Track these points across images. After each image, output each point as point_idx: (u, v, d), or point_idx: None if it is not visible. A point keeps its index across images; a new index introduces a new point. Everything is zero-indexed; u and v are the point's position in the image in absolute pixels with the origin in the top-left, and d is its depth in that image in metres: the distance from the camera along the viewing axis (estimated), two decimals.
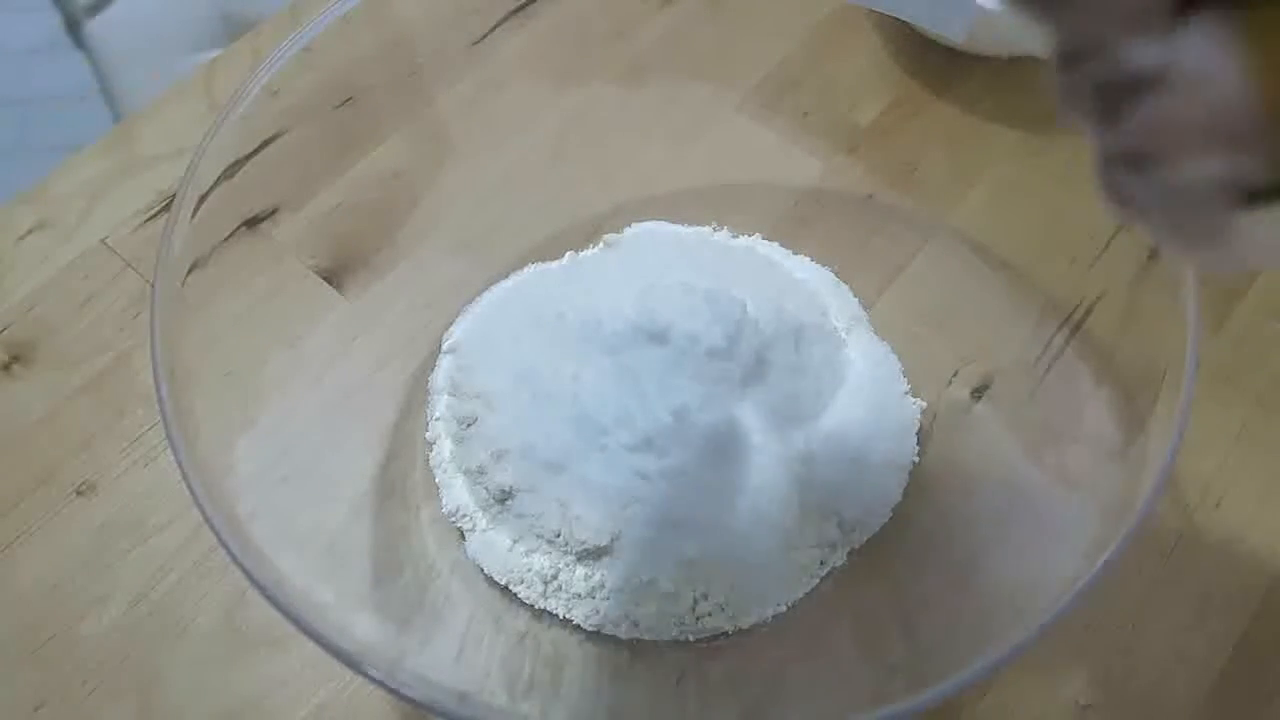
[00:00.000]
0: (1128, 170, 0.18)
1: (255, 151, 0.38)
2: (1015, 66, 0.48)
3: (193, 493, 0.30)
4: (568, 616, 0.38)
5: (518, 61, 0.48)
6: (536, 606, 0.39)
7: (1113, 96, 0.17)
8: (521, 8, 0.49)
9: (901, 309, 0.45)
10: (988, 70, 0.50)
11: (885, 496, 0.40)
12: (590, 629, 0.38)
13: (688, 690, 0.37)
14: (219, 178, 0.36)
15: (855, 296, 0.46)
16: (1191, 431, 0.30)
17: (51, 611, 0.40)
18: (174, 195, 0.34)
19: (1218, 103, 0.16)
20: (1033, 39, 0.19)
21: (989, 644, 0.30)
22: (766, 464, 0.39)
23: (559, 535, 0.38)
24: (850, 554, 0.40)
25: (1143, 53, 0.16)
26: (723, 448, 0.39)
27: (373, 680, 0.28)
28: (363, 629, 0.34)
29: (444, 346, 0.45)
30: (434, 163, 0.47)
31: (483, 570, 0.39)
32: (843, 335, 0.43)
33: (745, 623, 0.38)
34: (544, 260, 0.47)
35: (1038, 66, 0.20)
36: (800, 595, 0.39)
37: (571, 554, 0.38)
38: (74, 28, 0.84)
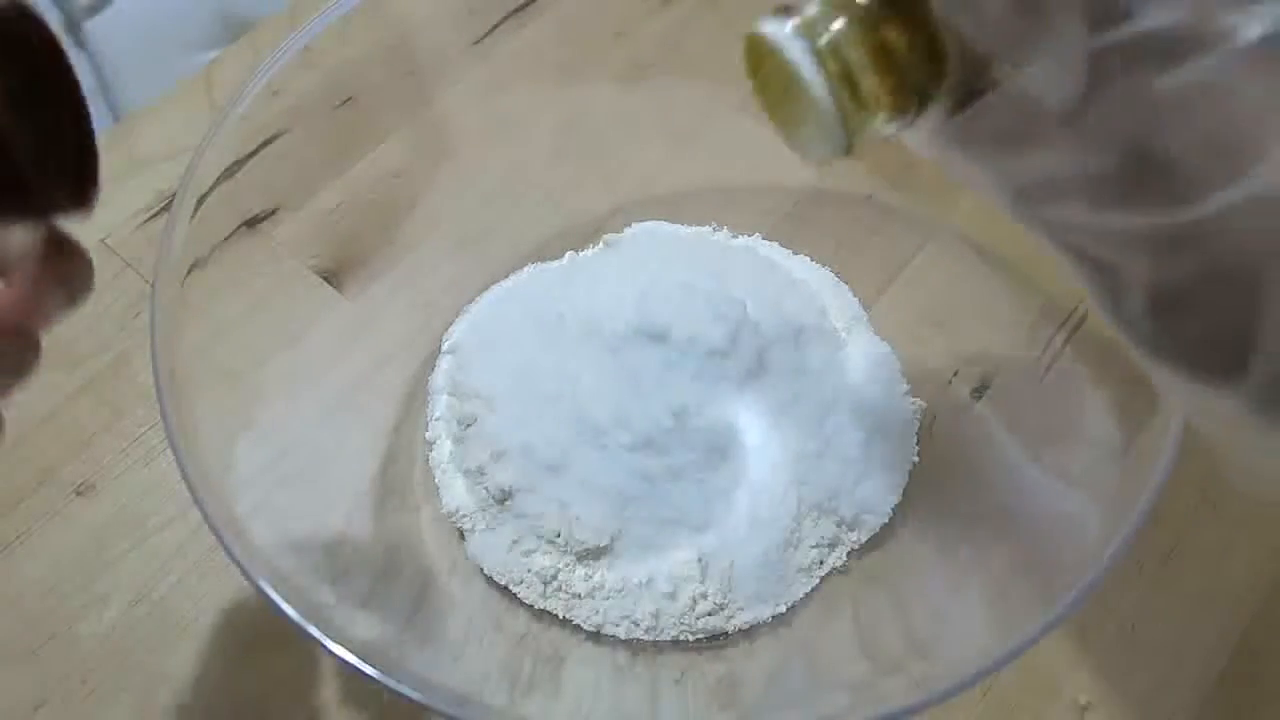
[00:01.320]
0: None
1: (255, 151, 0.38)
2: None
3: (193, 493, 0.30)
4: (568, 616, 0.38)
5: (518, 61, 0.48)
6: (536, 606, 0.39)
7: None
8: (521, 8, 0.49)
9: (901, 309, 0.45)
10: None
11: (885, 496, 0.40)
12: (590, 629, 0.38)
13: (688, 690, 0.37)
14: (219, 178, 0.36)
15: (855, 296, 0.46)
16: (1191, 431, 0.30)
17: (51, 611, 0.40)
18: (174, 195, 0.34)
19: None
20: None
21: (989, 644, 0.30)
22: (766, 464, 0.39)
23: (559, 535, 0.38)
24: (850, 554, 0.40)
25: None
26: (723, 448, 0.39)
27: (373, 680, 0.28)
28: (363, 629, 0.34)
29: (444, 346, 0.45)
30: (434, 163, 0.47)
31: (483, 570, 0.39)
32: (843, 335, 0.43)
33: (745, 623, 0.38)
34: (544, 260, 0.47)
35: None
36: (800, 595, 0.39)
37: (571, 554, 0.38)
38: (74, 28, 0.84)
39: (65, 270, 0.22)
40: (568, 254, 0.47)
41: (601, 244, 0.47)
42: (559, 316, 0.41)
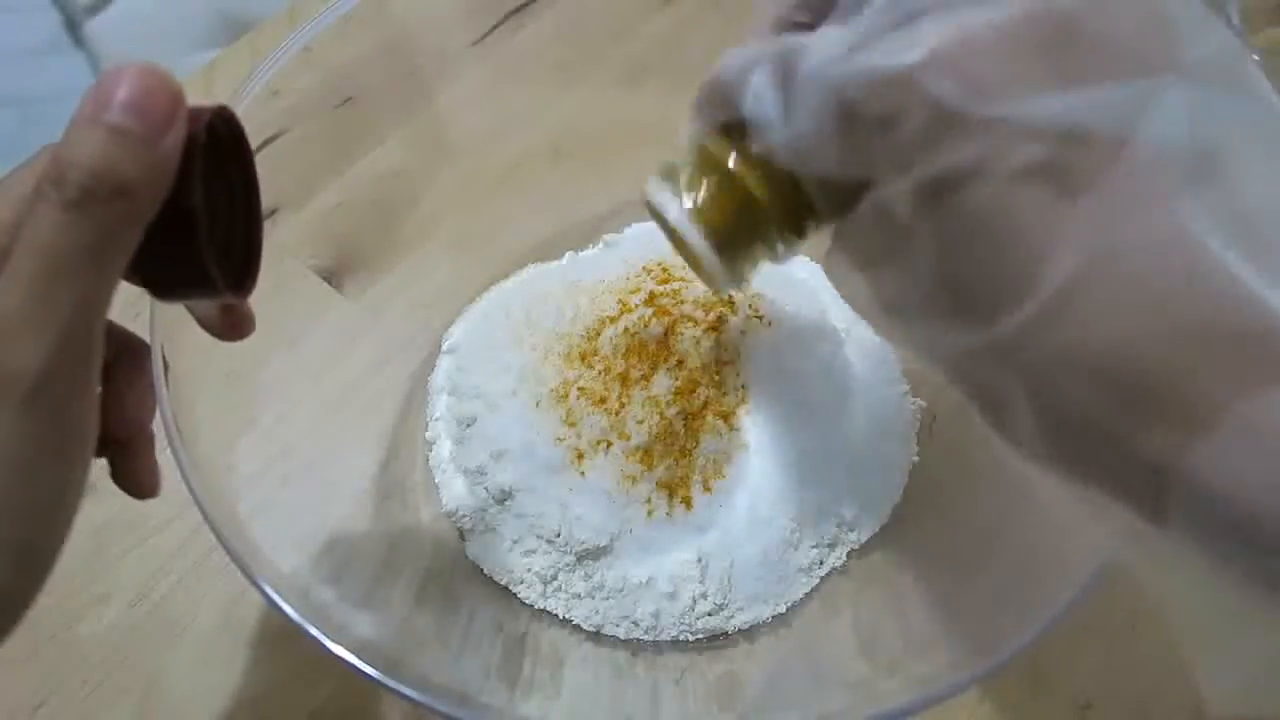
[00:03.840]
0: None
1: (255, 151, 0.38)
2: None
3: (193, 492, 0.30)
4: (568, 616, 0.38)
5: (518, 61, 0.48)
6: (536, 606, 0.39)
7: None
8: (521, 8, 0.49)
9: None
10: None
11: (885, 496, 0.40)
12: (590, 629, 0.38)
13: (688, 690, 0.37)
14: None
15: None
16: None
17: (51, 611, 0.40)
18: None
19: None
20: None
21: (989, 644, 0.29)
22: (766, 464, 0.39)
23: (559, 535, 0.38)
24: (850, 554, 0.40)
25: None
26: (722, 449, 0.39)
27: (373, 680, 0.28)
28: (363, 629, 0.34)
29: (444, 346, 0.45)
30: (434, 163, 0.47)
31: (483, 570, 0.39)
32: (843, 335, 0.43)
33: (745, 623, 0.38)
34: (544, 260, 0.47)
35: None
36: (800, 595, 0.39)
37: (571, 554, 0.38)
38: (74, 28, 0.84)
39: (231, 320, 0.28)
40: (567, 254, 0.47)
41: (601, 244, 0.47)
42: (559, 316, 0.41)
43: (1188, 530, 0.17)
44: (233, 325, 0.28)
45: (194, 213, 0.21)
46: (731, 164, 0.24)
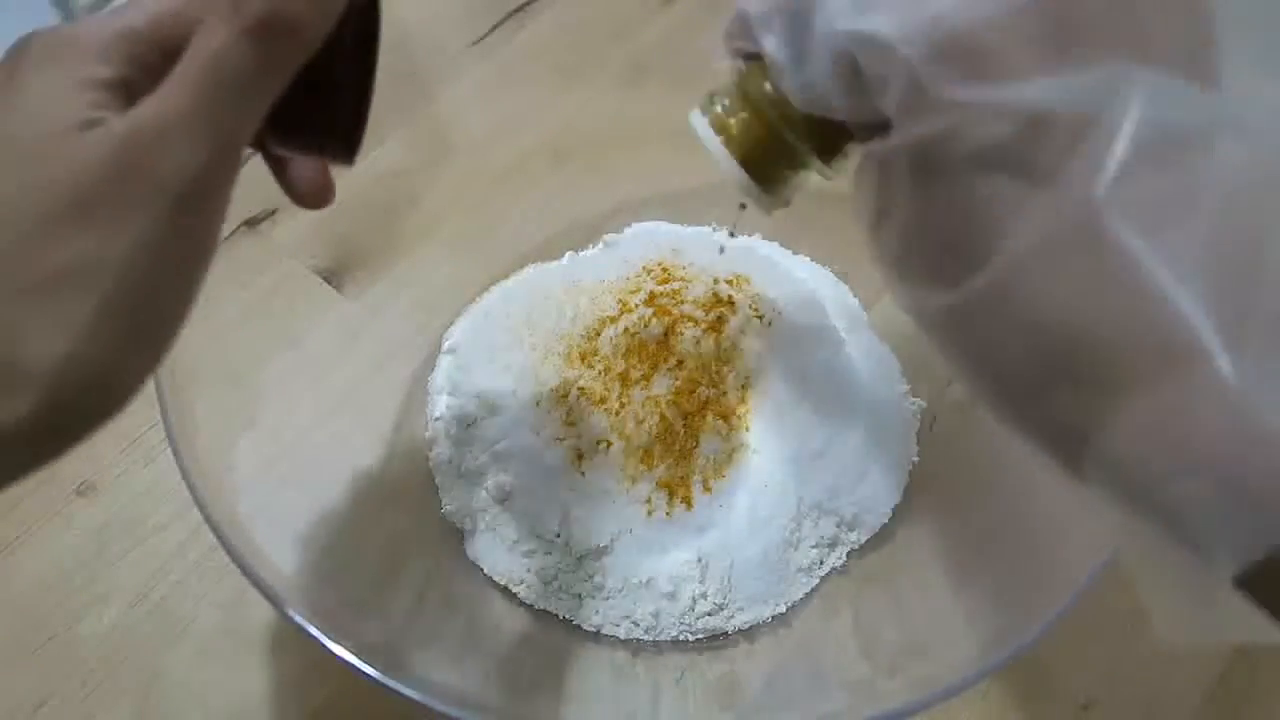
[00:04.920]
0: None
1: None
2: None
3: (193, 493, 0.30)
4: (568, 616, 0.38)
5: (518, 62, 0.48)
6: (536, 606, 0.39)
7: None
8: (521, 8, 0.49)
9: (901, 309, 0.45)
10: None
11: (885, 496, 0.40)
12: (590, 629, 0.38)
13: (688, 690, 0.37)
14: None
15: (855, 296, 0.46)
16: None
17: (51, 611, 0.40)
18: None
19: None
20: None
21: (989, 644, 0.30)
22: (766, 464, 0.39)
23: (559, 535, 0.38)
24: (850, 554, 0.40)
25: None
26: (722, 449, 0.39)
27: (373, 680, 0.28)
28: (363, 629, 0.34)
29: (444, 346, 0.45)
30: (434, 163, 0.47)
31: (483, 570, 0.39)
32: (843, 335, 0.43)
33: (745, 623, 0.38)
34: (544, 260, 0.47)
35: None
36: (800, 595, 0.39)
37: (571, 554, 0.38)
38: None
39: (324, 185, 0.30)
40: (567, 254, 0.47)
41: (601, 244, 0.47)
42: (559, 317, 0.41)
43: (1101, 484, 0.19)
44: (323, 190, 0.29)
45: (339, 70, 0.24)
46: (758, 97, 0.25)
